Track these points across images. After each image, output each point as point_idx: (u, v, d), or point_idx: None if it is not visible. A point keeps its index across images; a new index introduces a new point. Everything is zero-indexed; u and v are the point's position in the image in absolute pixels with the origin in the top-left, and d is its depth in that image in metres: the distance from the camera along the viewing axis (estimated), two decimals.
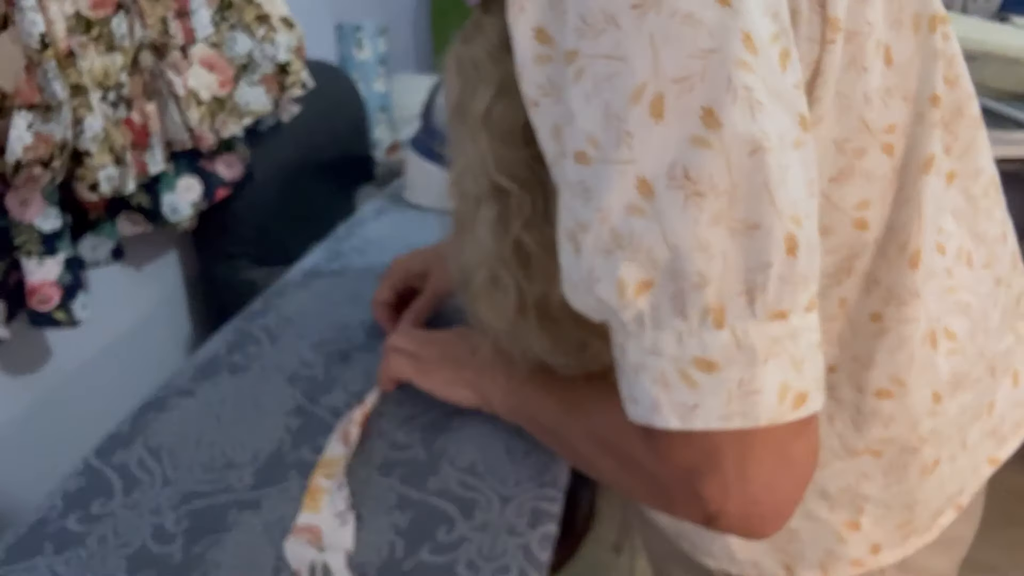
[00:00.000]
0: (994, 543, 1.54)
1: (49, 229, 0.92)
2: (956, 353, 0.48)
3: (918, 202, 0.44)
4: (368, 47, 1.82)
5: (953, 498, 0.52)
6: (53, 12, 0.85)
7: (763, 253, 0.32)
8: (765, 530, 0.37)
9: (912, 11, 0.42)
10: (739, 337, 0.32)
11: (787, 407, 0.33)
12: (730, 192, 0.31)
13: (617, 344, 0.36)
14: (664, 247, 0.32)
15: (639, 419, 0.36)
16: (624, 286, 0.33)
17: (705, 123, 0.31)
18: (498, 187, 0.43)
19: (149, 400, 0.68)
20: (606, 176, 0.32)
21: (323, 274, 0.90)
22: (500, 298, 0.47)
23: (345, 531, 0.52)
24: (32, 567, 0.52)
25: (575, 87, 0.33)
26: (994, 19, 1.57)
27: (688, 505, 0.37)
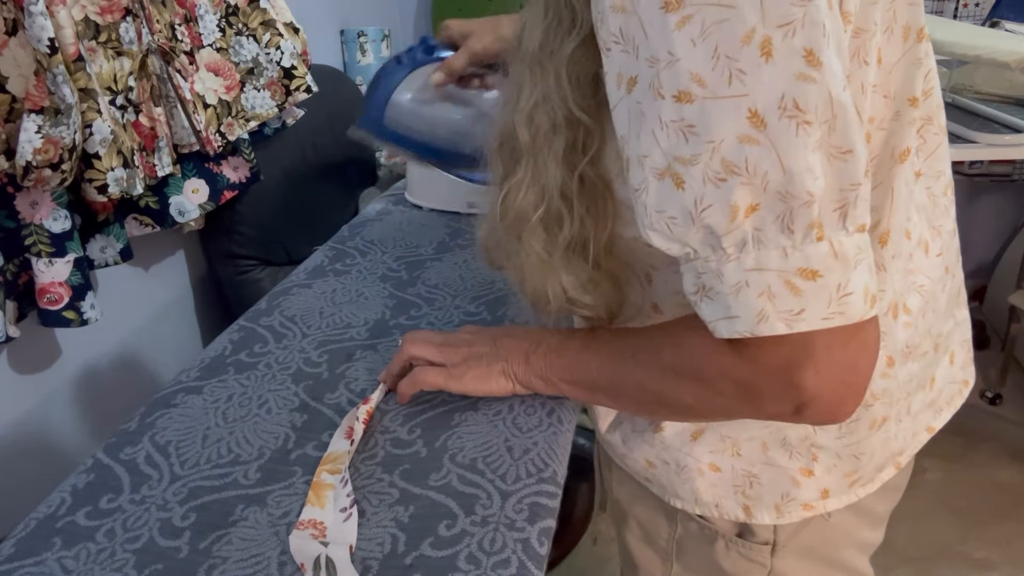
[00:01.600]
0: (986, 539, 1.55)
1: (59, 230, 0.93)
2: (910, 326, 0.54)
3: (891, 187, 0.49)
4: (371, 52, 1.84)
5: (895, 456, 0.58)
6: (62, 17, 0.86)
7: (854, 174, 0.37)
8: (847, 410, 0.43)
9: (904, 22, 0.47)
10: (836, 248, 0.38)
11: (868, 305, 0.39)
12: (830, 121, 0.36)
13: (708, 272, 0.40)
14: (779, 170, 0.37)
15: (740, 332, 0.40)
16: (737, 209, 0.38)
17: (808, 62, 0.35)
18: (574, 119, 0.46)
19: (157, 397, 0.70)
20: (716, 110, 0.36)
21: (327, 274, 0.91)
22: (555, 231, 0.50)
23: (348, 525, 0.53)
24: (41, 561, 0.53)
25: (679, 32, 0.36)
26: (985, 25, 1.58)
27: (782, 398, 0.42)
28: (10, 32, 0.84)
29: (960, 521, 1.59)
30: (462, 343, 0.63)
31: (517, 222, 0.51)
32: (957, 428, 0.61)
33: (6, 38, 0.84)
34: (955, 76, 1.44)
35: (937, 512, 1.59)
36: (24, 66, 0.85)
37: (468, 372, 0.61)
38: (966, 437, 1.80)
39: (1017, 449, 1.78)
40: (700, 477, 0.58)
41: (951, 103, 1.42)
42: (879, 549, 0.67)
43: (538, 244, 0.51)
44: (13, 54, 0.84)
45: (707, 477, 0.58)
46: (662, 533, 0.66)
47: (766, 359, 0.41)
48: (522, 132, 0.49)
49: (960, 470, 1.71)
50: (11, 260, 0.92)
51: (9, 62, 0.84)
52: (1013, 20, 1.52)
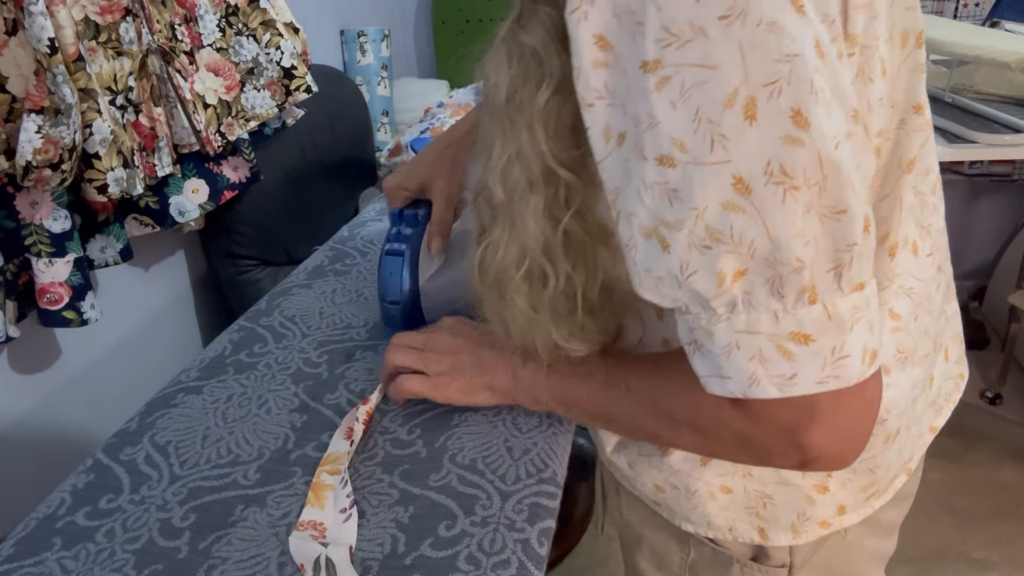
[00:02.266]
0: (986, 539, 1.55)
1: (59, 230, 0.93)
2: (899, 331, 0.52)
3: (899, 197, 0.48)
4: (371, 52, 1.84)
5: (906, 463, 0.58)
6: (62, 17, 0.86)
7: (849, 235, 0.36)
8: (851, 460, 0.42)
9: (902, 28, 0.45)
10: (830, 310, 0.36)
11: (867, 365, 0.38)
12: (820, 183, 0.35)
13: (699, 329, 0.39)
14: (766, 239, 0.35)
15: (732, 393, 0.39)
16: (723, 277, 0.37)
17: (795, 123, 0.34)
18: (552, 174, 0.44)
19: (156, 398, 0.70)
20: (699, 177, 0.35)
21: (327, 274, 0.91)
22: (539, 288, 0.48)
23: (348, 526, 0.53)
24: (41, 562, 0.53)
25: (658, 94, 0.34)
26: (985, 25, 1.58)
27: (786, 455, 0.42)
28: (10, 32, 0.84)
29: (960, 521, 1.59)
30: (446, 350, 0.62)
31: (499, 281, 0.49)
32: (957, 428, 0.61)
33: (6, 38, 0.84)
34: (955, 76, 1.44)
35: (937, 512, 1.59)
36: (24, 66, 0.85)
37: (452, 383, 0.60)
38: (966, 437, 1.80)
39: (1017, 449, 1.78)
40: (711, 500, 0.56)
41: (951, 103, 1.42)
42: None
43: (522, 300, 0.49)
44: (13, 54, 0.84)
45: (719, 500, 0.56)
46: (674, 558, 0.63)
47: (770, 419, 0.40)
48: (496, 190, 0.46)
49: (960, 470, 1.71)
50: (11, 260, 0.92)
51: (9, 62, 0.84)
52: (1013, 20, 1.52)
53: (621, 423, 0.54)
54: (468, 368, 0.60)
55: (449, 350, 0.61)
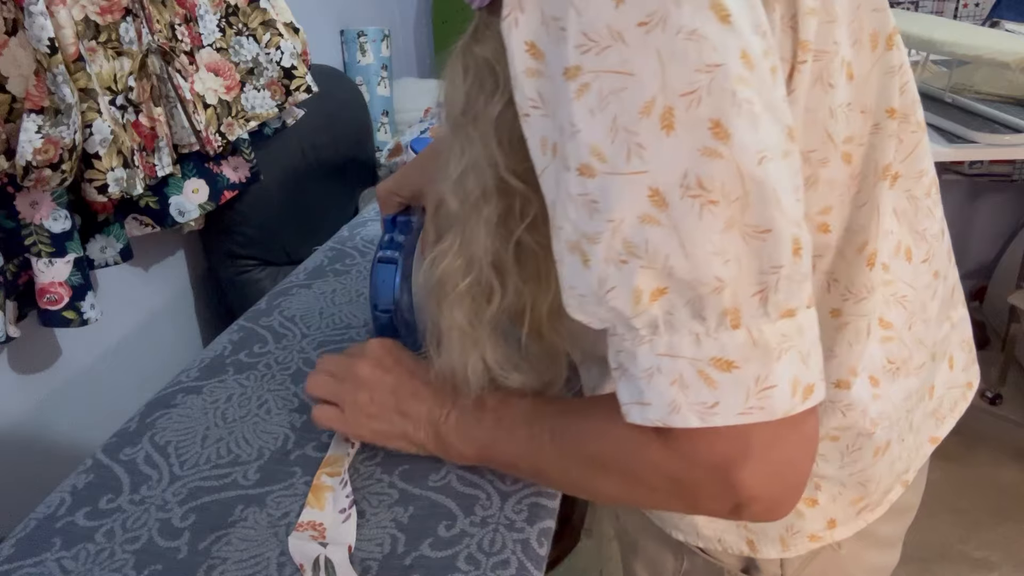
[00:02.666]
0: (987, 539, 1.55)
1: (59, 230, 0.93)
2: (891, 340, 0.51)
3: (876, 206, 0.46)
4: (371, 52, 1.84)
5: (900, 475, 0.55)
6: (62, 17, 0.86)
7: (774, 256, 0.34)
8: (787, 508, 0.39)
9: (871, 30, 0.44)
10: (755, 336, 0.34)
11: (798, 399, 0.35)
12: (742, 199, 0.33)
13: (623, 351, 0.37)
14: (682, 255, 0.34)
15: (652, 421, 0.36)
16: (640, 294, 0.35)
17: (714, 134, 0.32)
18: (505, 186, 0.43)
19: (156, 398, 0.70)
20: (616, 188, 0.34)
21: (326, 274, 0.91)
22: (483, 304, 0.47)
23: (347, 526, 0.53)
24: (41, 562, 0.53)
25: (578, 102, 0.34)
26: (985, 25, 1.58)
27: (717, 497, 0.38)
28: (10, 32, 0.84)
29: (960, 521, 1.59)
30: (365, 383, 0.57)
31: (440, 288, 0.48)
32: (957, 428, 0.60)
33: (6, 38, 0.84)
34: (955, 76, 1.44)
35: (937, 512, 1.59)
36: (24, 66, 0.85)
37: (367, 424, 0.57)
38: (966, 437, 1.80)
39: (1017, 449, 1.78)
40: None
41: (951, 103, 1.42)
42: None
43: (461, 316, 0.48)
44: (13, 54, 0.84)
45: None
46: (668, 567, 0.63)
47: (700, 455, 0.37)
48: (451, 200, 0.46)
49: (960, 470, 1.71)
50: (11, 260, 0.92)
51: (9, 62, 0.84)
52: (1013, 20, 1.52)
53: (551, 476, 0.50)
54: (387, 410, 0.56)
55: (368, 384, 0.57)
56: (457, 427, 0.54)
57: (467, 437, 0.53)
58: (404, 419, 0.56)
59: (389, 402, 0.57)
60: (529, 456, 0.50)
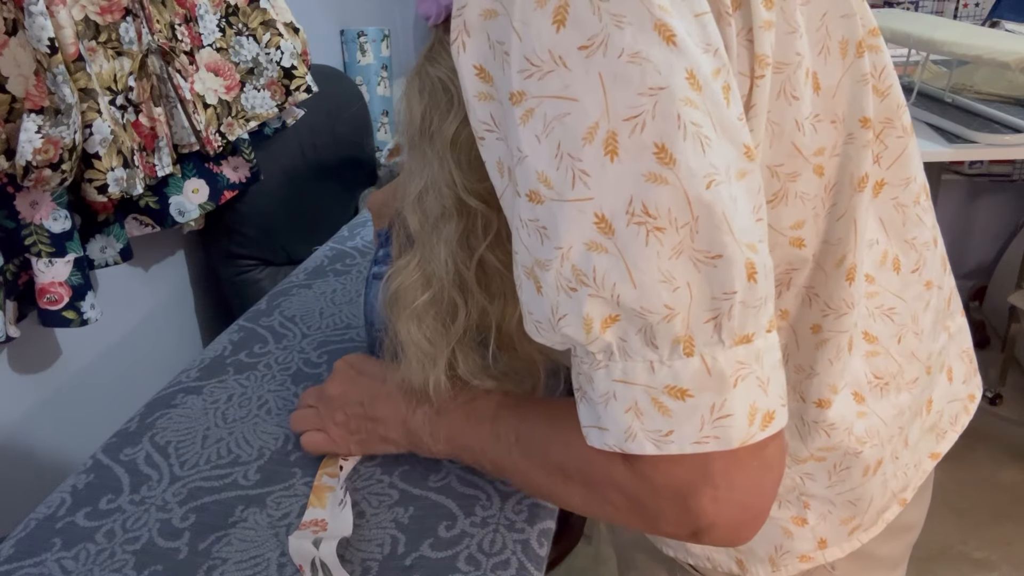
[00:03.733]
0: (986, 539, 1.55)
1: (58, 230, 0.93)
2: (876, 355, 0.49)
3: (853, 218, 0.45)
4: (371, 52, 1.84)
5: (897, 494, 0.54)
6: (62, 17, 0.86)
7: (726, 282, 0.33)
8: (748, 535, 0.38)
9: (839, 37, 0.42)
10: (709, 364, 0.33)
11: (756, 427, 0.34)
12: (690, 225, 0.32)
13: (582, 373, 0.37)
14: (629, 283, 0.33)
15: (610, 446, 0.36)
16: (590, 322, 0.34)
17: (659, 159, 0.32)
18: (464, 206, 0.43)
19: (156, 398, 0.70)
20: (563, 214, 0.33)
21: (327, 274, 0.91)
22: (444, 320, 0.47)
23: (344, 515, 0.53)
24: (41, 562, 0.53)
25: (523, 128, 0.33)
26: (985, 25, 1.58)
27: (677, 522, 0.38)
28: (10, 32, 0.84)
29: (960, 521, 1.59)
30: (337, 401, 0.59)
31: (396, 303, 0.48)
32: None
33: (6, 38, 0.84)
34: (955, 76, 1.44)
35: (937, 512, 1.59)
36: (24, 66, 0.85)
37: (350, 438, 0.58)
38: (966, 437, 1.79)
39: (1017, 449, 1.78)
40: None
41: (951, 103, 1.42)
42: None
43: (418, 332, 0.47)
44: (13, 54, 0.84)
45: None
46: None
47: (660, 479, 0.36)
48: (411, 219, 0.45)
49: (960, 470, 1.71)
50: (11, 260, 0.92)
51: (9, 62, 0.84)
52: (1013, 20, 1.52)
53: (515, 478, 0.50)
54: (360, 420, 0.57)
55: (340, 401, 0.58)
56: (424, 421, 0.53)
57: (435, 431, 0.53)
58: (376, 424, 0.56)
59: (360, 412, 0.57)
60: (494, 455, 0.49)
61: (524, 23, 0.32)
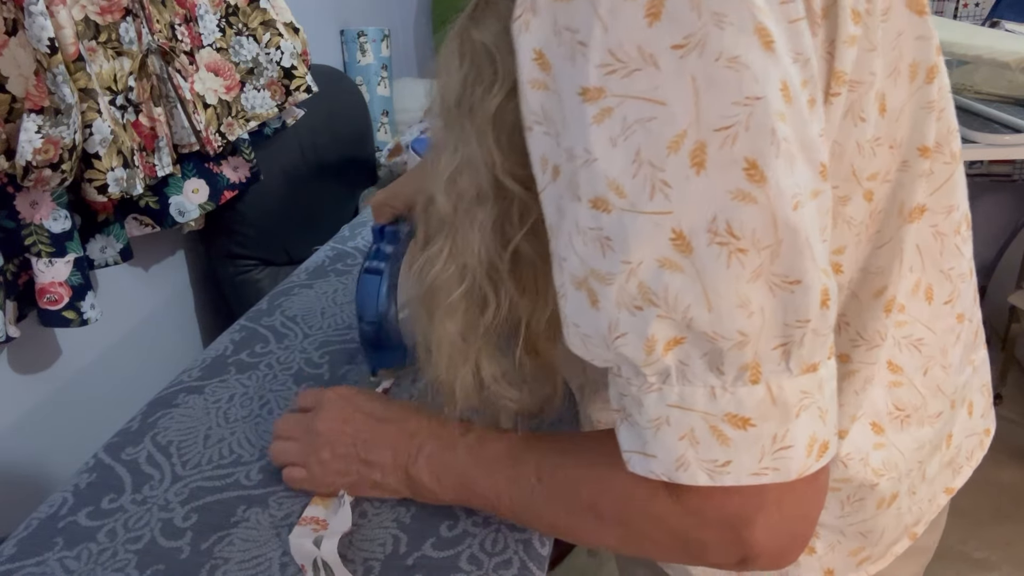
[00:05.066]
0: (987, 540, 1.55)
1: (58, 230, 0.93)
2: (900, 386, 0.47)
3: (899, 249, 0.42)
4: (371, 52, 1.84)
5: (909, 528, 0.52)
6: (62, 17, 0.86)
7: (801, 309, 0.31)
8: (792, 559, 0.37)
9: (911, 59, 0.40)
10: (775, 393, 0.32)
11: (813, 458, 0.33)
12: (773, 248, 0.30)
13: (629, 396, 0.34)
14: (704, 307, 0.31)
15: (656, 474, 0.34)
16: (654, 344, 0.32)
17: (749, 176, 0.29)
18: (502, 188, 0.39)
19: (158, 397, 0.70)
20: (635, 227, 0.30)
21: (328, 274, 0.91)
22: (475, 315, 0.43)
23: (343, 512, 0.53)
24: (43, 561, 0.52)
25: (596, 128, 0.30)
26: (985, 25, 1.59)
27: (726, 553, 0.36)
28: (10, 32, 0.84)
29: (960, 521, 1.58)
30: (328, 437, 0.54)
31: (431, 298, 0.44)
32: None
33: (6, 38, 0.84)
34: (955, 76, 1.44)
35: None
36: (24, 66, 0.85)
37: (336, 480, 0.54)
38: None
39: (1017, 449, 1.79)
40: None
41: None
42: None
43: (453, 327, 0.44)
44: (13, 54, 0.84)
45: None
46: None
47: (711, 512, 0.35)
48: (441, 201, 0.41)
49: None
50: (11, 260, 0.92)
51: (9, 62, 0.84)
52: (1013, 20, 1.52)
53: (537, 523, 0.46)
54: (351, 462, 0.53)
55: (327, 439, 0.54)
56: (428, 466, 0.50)
57: (441, 476, 0.50)
58: (370, 468, 0.53)
59: (351, 453, 0.53)
60: (512, 499, 0.46)
61: (612, 12, 0.29)
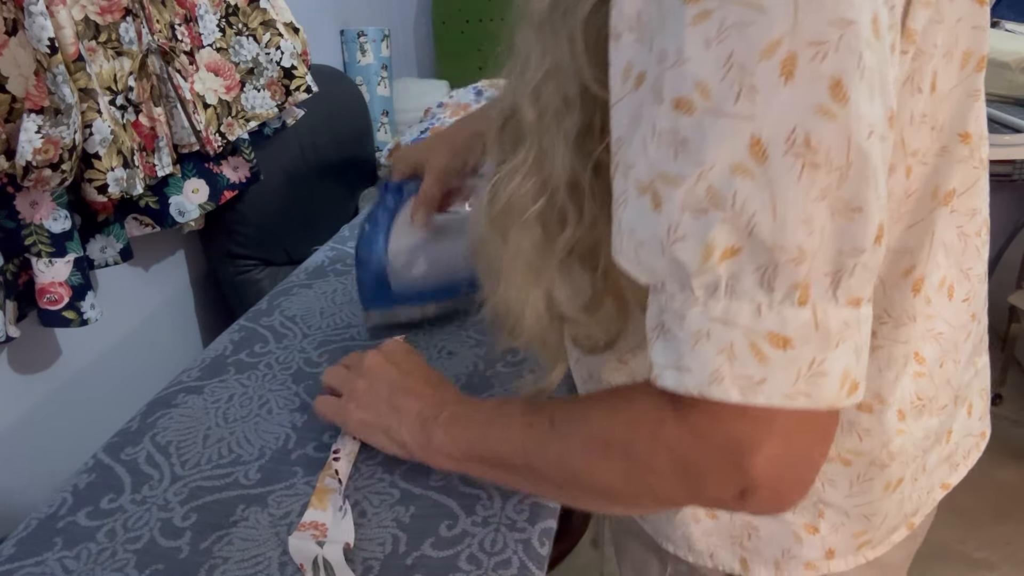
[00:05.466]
0: (986, 539, 1.55)
1: (58, 230, 0.93)
2: (923, 376, 0.48)
3: (931, 231, 0.43)
4: (371, 52, 1.84)
5: (908, 517, 0.53)
6: (62, 17, 0.86)
7: (858, 238, 0.32)
8: (790, 503, 0.37)
9: (965, 47, 0.41)
10: (819, 317, 0.32)
11: (844, 393, 0.33)
12: (842, 171, 0.31)
13: (670, 311, 0.35)
14: (770, 215, 0.31)
15: (688, 389, 0.34)
16: (712, 249, 0.32)
17: (833, 94, 0.30)
18: (589, 96, 0.39)
19: (157, 397, 0.70)
20: (715, 129, 0.31)
21: (327, 274, 0.91)
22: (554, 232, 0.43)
23: (346, 523, 0.53)
24: (43, 561, 0.53)
25: (692, 29, 0.31)
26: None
27: (725, 481, 0.36)
28: (10, 32, 0.84)
29: (960, 521, 1.59)
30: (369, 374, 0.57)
31: (507, 215, 0.44)
32: None
33: (6, 38, 0.84)
34: None
35: (937, 512, 1.59)
36: (24, 66, 0.85)
37: (355, 413, 0.57)
38: None
39: (1017, 449, 1.78)
40: (695, 523, 0.53)
41: None
42: None
43: (529, 244, 0.43)
44: (13, 54, 0.84)
45: (702, 524, 0.53)
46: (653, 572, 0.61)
47: (716, 434, 0.35)
48: (527, 109, 0.41)
49: None
50: (11, 260, 0.92)
51: (9, 62, 0.84)
52: (1013, 20, 1.52)
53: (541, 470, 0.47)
54: (377, 401, 0.56)
55: (370, 372, 0.57)
56: (448, 424, 0.52)
57: (457, 435, 0.52)
58: (391, 412, 0.55)
59: (382, 393, 0.56)
60: (522, 445, 0.47)
61: None
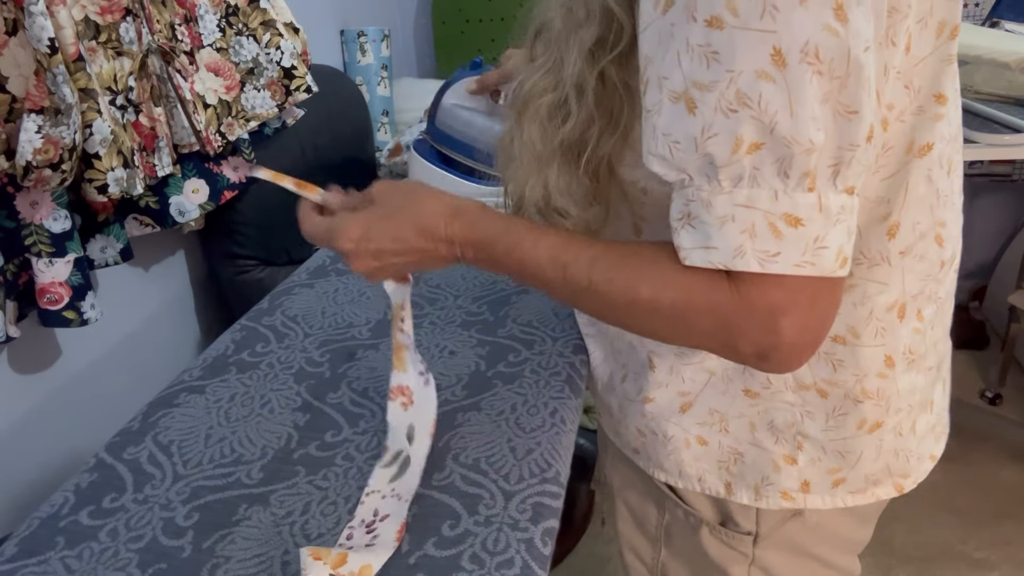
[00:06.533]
0: (986, 539, 1.55)
1: (59, 230, 0.93)
2: (919, 332, 0.54)
3: (906, 180, 0.49)
4: (371, 52, 1.84)
5: (896, 478, 0.58)
6: (62, 17, 0.86)
7: (854, 136, 0.39)
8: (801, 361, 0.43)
9: (940, 17, 0.46)
10: (823, 201, 0.39)
11: (838, 264, 0.40)
12: (843, 78, 0.37)
13: (697, 200, 0.41)
14: (788, 113, 0.38)
15: (714, 263, 0.41)
16: (740, 143, 0.39)
17: (836, 15, 0.36)
18: (608, 13, 0.45)
19: (159, 397, 0.69)
20: (743, 41, 0.37)
21: (328, 274, 0.91)
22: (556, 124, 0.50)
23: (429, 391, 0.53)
24: (45, 561, 0.53)
25: None
26: (985, 25, 1.59)
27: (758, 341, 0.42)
28: (10, 32, 0.84)
29: (960, 521, 1.59)
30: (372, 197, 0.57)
31: (524, 104, 0.51)
32: (957, 428, 0.61)
33: (6, 38, 0.84)
34: None
35: (937, 512, 1.59)
36: (24, 66, 0.85)
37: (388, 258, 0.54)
38: (966, 437, 1.80)
39: (1017, 449, 1.79)
40: (686, 449, 0.59)
41: None
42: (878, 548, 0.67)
43: (536, 131, 0.50)
44: (13, 54, 0.84)
45: (692, 450, 0.59)
46: (651, 519, 0.67)
47: (757, 299, 0.41)
48: (556, 20, 0.49)
49: (960, 470, 1.71)
50: (11, 260, 0.91)
51: (9, 62, 0.84)
52: (1013, 20, 1.52)
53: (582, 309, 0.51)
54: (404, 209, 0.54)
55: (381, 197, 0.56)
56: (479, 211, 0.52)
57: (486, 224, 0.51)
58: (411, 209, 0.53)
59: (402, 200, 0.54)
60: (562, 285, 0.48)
61: None
